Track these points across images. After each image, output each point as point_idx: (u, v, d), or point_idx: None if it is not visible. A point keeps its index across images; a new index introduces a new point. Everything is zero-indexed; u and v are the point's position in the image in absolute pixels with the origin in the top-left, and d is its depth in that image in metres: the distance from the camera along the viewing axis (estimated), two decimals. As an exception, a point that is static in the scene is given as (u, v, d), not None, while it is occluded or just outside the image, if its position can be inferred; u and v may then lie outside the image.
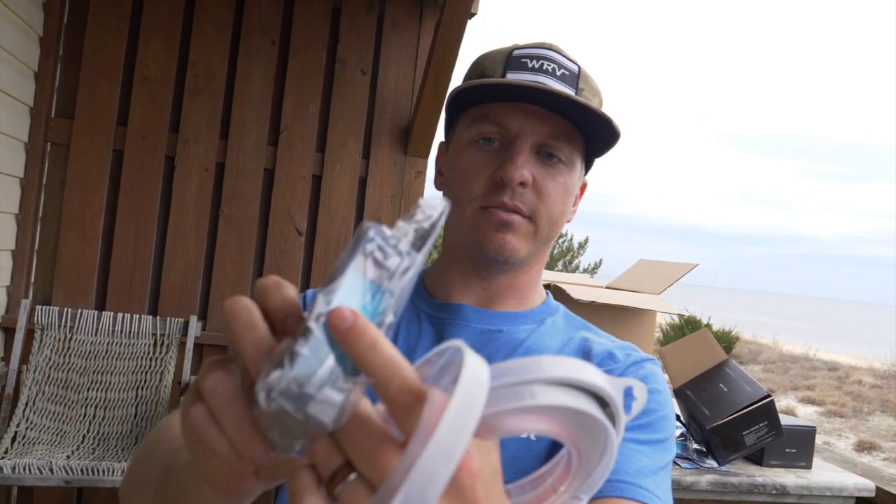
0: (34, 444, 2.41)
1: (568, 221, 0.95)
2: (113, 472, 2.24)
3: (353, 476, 0.37)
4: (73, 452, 2.36)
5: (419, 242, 0.40)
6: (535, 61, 0.87)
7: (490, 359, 0.89)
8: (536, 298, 0.98)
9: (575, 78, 0.88)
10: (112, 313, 2.75)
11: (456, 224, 0.90)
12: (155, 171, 2.93)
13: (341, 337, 0.35)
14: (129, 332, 2.74)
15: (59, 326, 2.68)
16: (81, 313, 2.72)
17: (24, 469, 2.17)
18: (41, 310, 2.69)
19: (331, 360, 0.36)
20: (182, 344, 2.81)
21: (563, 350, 0.92)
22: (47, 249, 2.86)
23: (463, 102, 0.90)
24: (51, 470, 2.19)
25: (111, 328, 2.72)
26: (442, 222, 0.41)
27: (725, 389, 2.06)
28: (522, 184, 0.84)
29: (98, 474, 2.23)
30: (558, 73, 0.86)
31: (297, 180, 3.05)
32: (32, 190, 2.81)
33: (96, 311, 2.74)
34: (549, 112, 0.85)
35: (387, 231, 0.39)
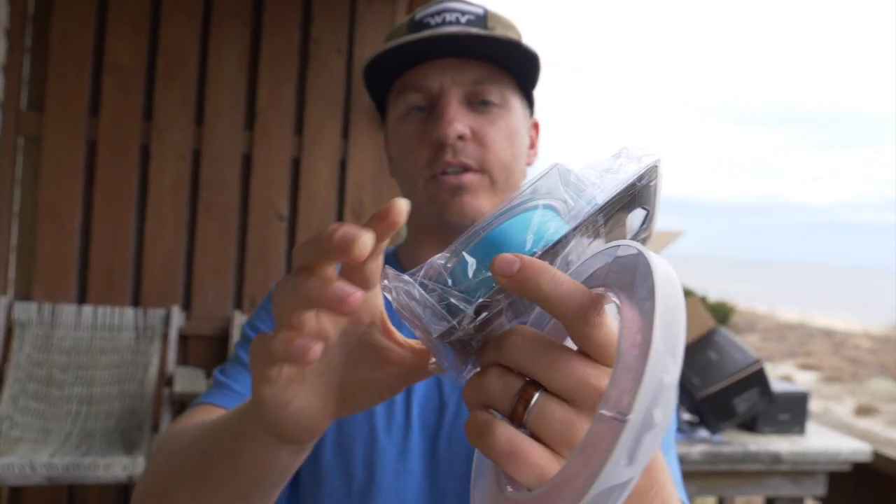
0: (17, 442, 2.37)
1: (529, 164, 0.91)
2: (97, 467, 2.21)
3: (536, 396, 0.37)
4: (57, 449, 2.32)
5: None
6: (436, 17, 0.85)
7: None
8: None
9: (482, 20, 0.85)
10: (93, 307, 2.71)
11: (413, 199, 0.87)
12: (130, 161, 2.87)
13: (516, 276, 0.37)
14: (111, 325, 2.70)
15: (40, 322, 2.64)
16: (62, 308, 2.67)
17: (6, 469, 2.13)
18: (20, 306, 2.64)
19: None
20: (165, 335, 2.77)
21: None
22: (25, 244, 2.81)
23: (382, 81, 0.87)
24: (32, 468, 2.15)
25: (92, 322, 2.68)
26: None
27: (715, 357, 2.02)
28: (461, 137, 0.81)
29: (82, 470, 2.19)
30: (463, 21, 0.84)
31: (276, 164, 3.00)
32: (6, 185, 2.75)
33: (77, 306, 2.70)
34: (465, 60, 0.83)
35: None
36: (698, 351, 2.08)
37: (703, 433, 2.01)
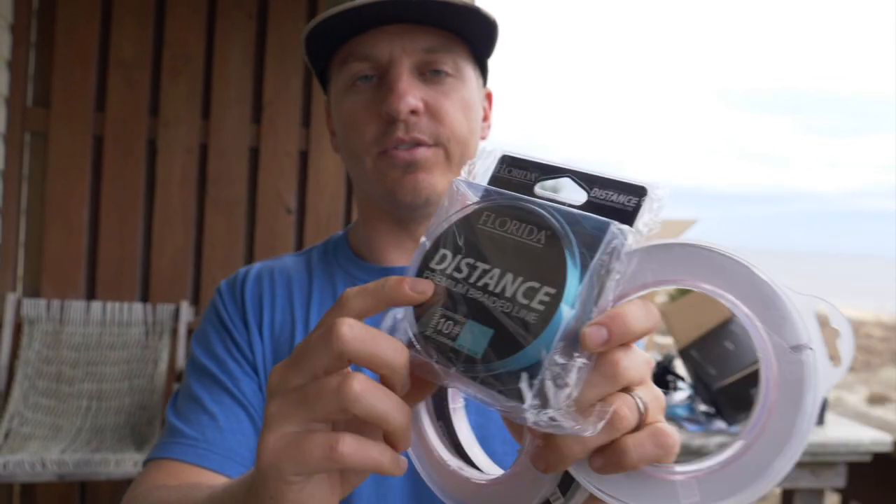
0: (28, 439, 2.36)
1: (483, 139, 0.86)
2: (108, 463, 2.20)
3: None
4: (67, 446, 2.31)
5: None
6: None
7: None
8: None
9: None
10: (101, 303, 2.69)
11: (361, 179, 0.81)
12: (137, 156, 2.85)
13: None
14: (120, 321, 2.68)
15: (48, 319, 2.63)
16: (70, 304, 2.66)
17: (16, 466, 2.12)
18: (29, 303, 2.63)
19: None
20: (174, 330, 2.75)
21: None
22: (33, 241, 2.79)
23: (325, 48, 0.81)
24: (43, 465, 2.14)
25: (101, 318, 2.67)
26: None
27: (732, 347, 1.99)
28: (414, 112, 0.75)
29: (92, 467, 2.18)
30: None
31: (283, 157, 2.97)
32: (13, 181, 2.74)
33: (85, 302, 2.68)
34: (416, 26, 0.76)
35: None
36: (715, 341, 2.04)
37: (720, 424, 1.98)
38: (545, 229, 0.41)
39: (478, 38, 0.80)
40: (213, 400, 0.78)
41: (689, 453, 1.86)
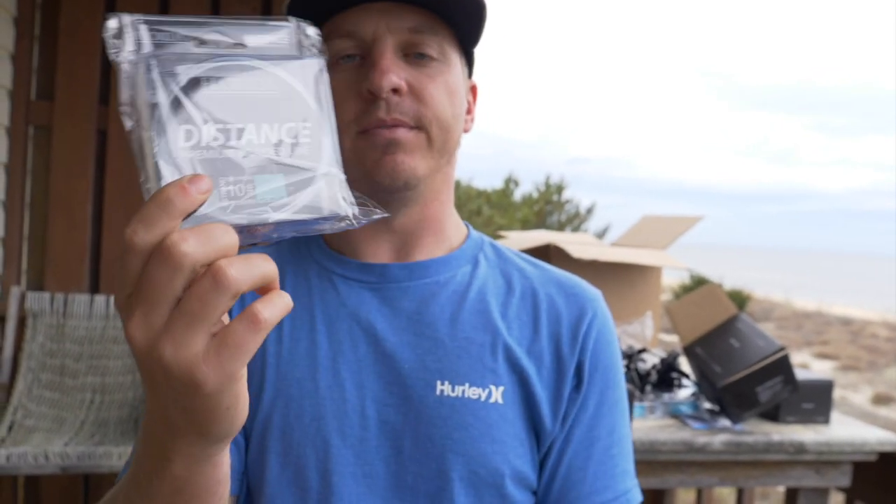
0: (32, 432, 2.37)
1: (466, 131, 0.84)
2: (111, 456, 2.20)
3: None
4: (71, 439, 2.31)
5: None
6: None
7: (439, 315, 0.82)
8: (457, 234, 0.88)
9: None
10: (105, 296, 2.69)
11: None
12: (141, 150, 2.85)
13: None
14: (124, 315, 2.68)
15: (52, 312, 2.63)
16: (74, 298, 2.66)
17: (19, 458, 2.12)
18: (33, 296, 2.63)
19: None
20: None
21: (511, 295, 0.85)
22: (37, 235, 2.79)
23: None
24: (46, 457, 2.14)
25: (105, 311, 2.67)
26: None
27: (737, 345, 1.98)
28: (396, 91, 0.73)
29: (96, 459, 2.18)
30: None
31: (288, 152, 2.97)
32: (17, 175, 2.74)
33: (89, 295, 2.68)
34: (401, 5, 0.74)
35: None
36: (719, 338, 2.03)
37: (724, 422, 1.96)
38: (266, 75, 0.46)
39: (464, 22, 0.78)
40: None
41: (693, 451, 1.85)
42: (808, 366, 10.46)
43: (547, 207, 13.85)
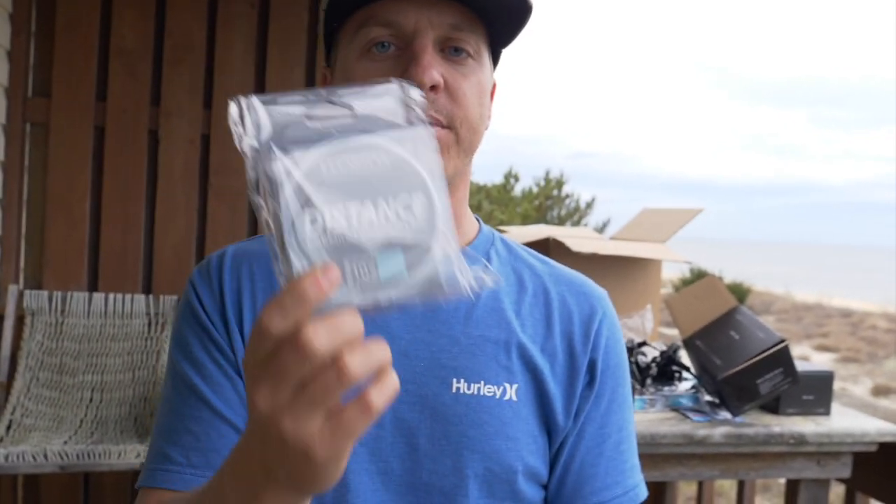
0: (30, 431, 2.36)
1: (485, 129, 0.83)
2: (110, 454, 2.19)
3: None
4: (70, 437, 2.31)
5: None
6: None
7: (453, 313, 0.81)
8: (470, 228, 0.89)
9: None
10: (103, 294, 2.68)
11: None
12: (139, 147, 2.84)
13: None
14: (122, 312, 2.68)
15: (51, 310, 2.62)
16: (72, 296, 2.65)
17: (18, 457, 2.12)
18: (30, 294, 2.63)
19: None
20: (177, 322, 2.75)
21: (523, 292, 0.86)
22: (35, 233, 2.79)
23: (341, 13, 0.76)
24: (45, 456, 2.14)
25: (103, 309, 2.66)
26: None
27: (737, 337, 1.97)
28: (434, 88, 0.71)
29: (95, 458, 2.18)
30: None
31: (286, 148, 2.96)
32: (14, 172, 2.73)
33: (87, 293, 2.68)
34: (444, 0, 0.73)
35: None
36: (719, 330, 2.02)
37: (724, 414, 1.96)
38: (379, 150, 0.47)
39: (501, 22, 0.77)
40: (195, 416, 0.77)
41: (694, 443, 1.85)
42: (809, 358, 10.47)
43: (547, 202, 13.85)
